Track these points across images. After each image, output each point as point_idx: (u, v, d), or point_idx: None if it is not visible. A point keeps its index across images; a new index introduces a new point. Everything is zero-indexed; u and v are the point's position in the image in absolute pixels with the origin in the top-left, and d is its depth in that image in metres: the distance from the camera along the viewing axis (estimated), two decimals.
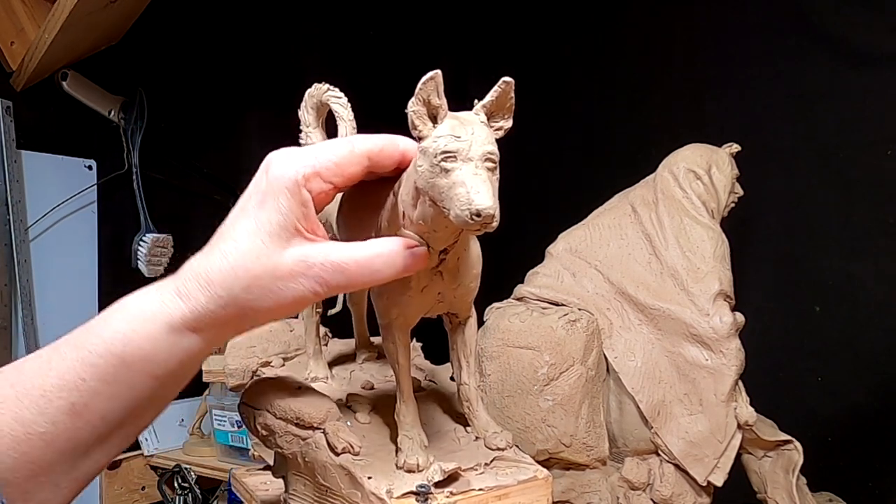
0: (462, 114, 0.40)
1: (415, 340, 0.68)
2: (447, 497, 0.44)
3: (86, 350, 0.38)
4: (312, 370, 0.64)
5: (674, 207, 0.89)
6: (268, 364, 0.69)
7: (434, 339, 0.65)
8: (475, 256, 0.48)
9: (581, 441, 0.82)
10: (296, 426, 0.51)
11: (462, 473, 0.46)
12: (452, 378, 0.58)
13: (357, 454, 0.48)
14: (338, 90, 0.58)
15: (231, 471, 0.90)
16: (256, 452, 0.77)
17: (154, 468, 1.46)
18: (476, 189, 0.36)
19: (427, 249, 0.41)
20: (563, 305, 0.90)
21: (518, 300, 0.95)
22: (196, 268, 0.39)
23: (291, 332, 0.73)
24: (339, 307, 0.77)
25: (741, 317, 0.83)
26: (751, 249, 1.19)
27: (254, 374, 0.69)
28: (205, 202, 1.57)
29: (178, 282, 0.39)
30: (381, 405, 0.56)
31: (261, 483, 0.79)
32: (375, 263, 0.39)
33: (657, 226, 0.89)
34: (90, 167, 1.44)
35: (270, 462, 0.66)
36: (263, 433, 0.53)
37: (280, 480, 0.59)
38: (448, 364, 0.58)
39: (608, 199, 0.99)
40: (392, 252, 0.40)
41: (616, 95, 1.52)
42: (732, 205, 0.93)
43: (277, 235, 0.38)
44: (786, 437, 0.84)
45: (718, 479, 0.80)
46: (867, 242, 1.11)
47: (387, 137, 0.42)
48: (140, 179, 1.43)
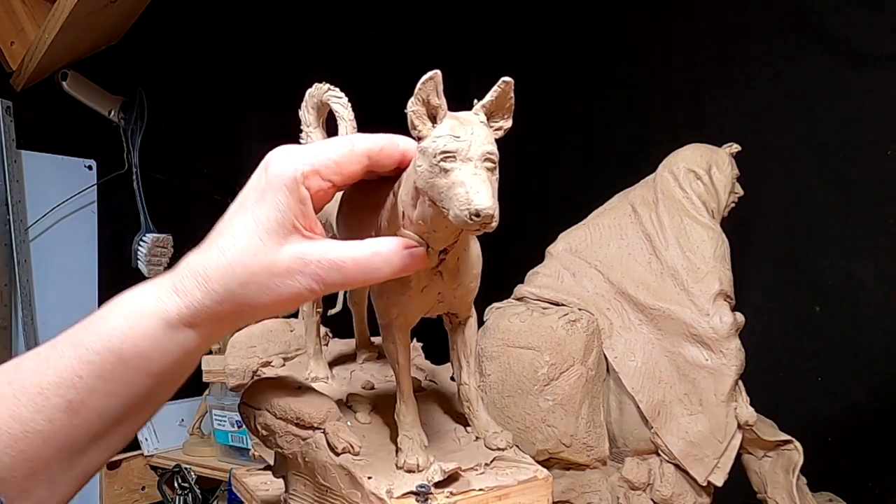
0: (461, 114, 0.40)
1: (415, 340, 0.68)
2: (447, 497, 0.44)
3: (83, 347, 0.38)
4: (313, 370, 0.64)
5: (674, 207, 0.89)
6: (268, 364, 0.69)
7: (434, 339, 0.65)
8: (475, 256, 0.48)
9: (581, 441, 0.82)
10: (296, 426, 0.51)
11: (462, 473, 0.46)
12: (452, 378, 0.58)
13: (357, 454, 0.48)
14: (338, 90, 0.58)
15: (231, 471, 0.91)
16: (256, 452, 0.77)
17: (154, 468, 1.46)
18: (475, 189, 0.36)
19: (427, 249, 0.41)
20: (564, 305, 0.90)
21: (518, 300, 0.95)
22: (193, 264, 0.39)
23: (292, 332, 0.73)
24: (340, 307, 0.77)
25: (741, 317, 0.83)
26: (751, 249, 1.19)
27: (254, 374, 0.69)
28: (205, 202, 1.57)
29: (175, 278, 0.40)
30: (382, 405, 0.56)
31: (261, 483, 0.79)
32: (373, 262, 0.39)
33: (657, 226, 0.89)
34: (90, 167, 1.45)
35: (270, 462, 0.66)
36: (263, 433, 0.53)
37: (280, 480, 0.59)
38: (448, 364, 0.58)
39: (608, 199, 0.99)
40: (390, 252, 0.39)
41: (616, 95, 1.52)
42: (732, 205, 0.93)
43: (275, 232, 0.38)
44: (786, 437, 0.84)
45: (718, 479, 0.80)
46: (867, 242, 1.11)
47: (387, 137, 0.42)
48: (140, 179, 1.43)
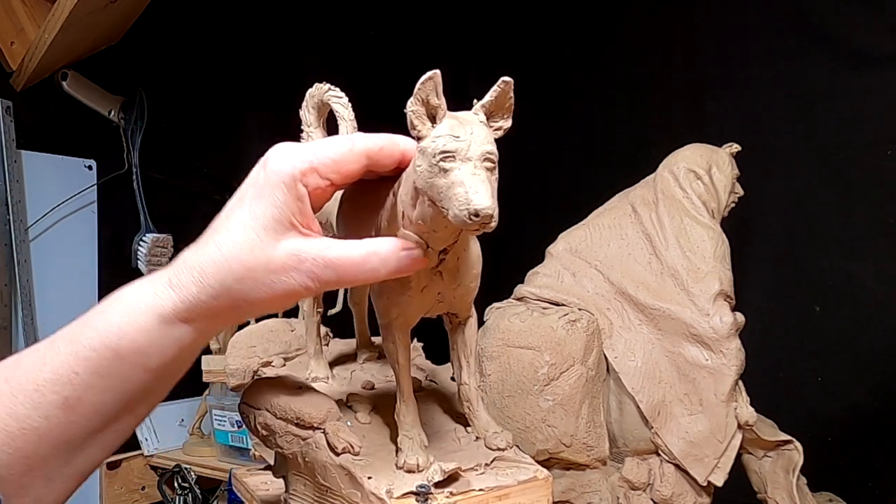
0: (461, 113, 0.40)
1: (415, 340, 0.68)
2: (447, 497, 0.44)
3: (80, 344, 0.39)
4: (313, 370, 0.64)
5: (674, 207, 0.89)
6: (268, 364, 0.69)
7: (434, 339, 0.65)
8: (475, 256, 0.47)
9: (581, 441, 0.82)
10: (296, 426, 0.51)
11: (462, 473, 0.46)
12: (453, 378, 0.58)
13: (357, 454, 0.48)
14: (338, 90, 0.58)
15: (231, 471, 0.91)
16: (257, 452, 0.77)
17: (154, 468, 1.46)
18: (475, 189, 0.36)
19: (427, 249, 0.41)
20: (564, 305, 0.90)
21: (518, 300, 0.95)
22: (189, 259, 0.40)
23: (292, 332, 0.73)
24: (340, 307, 0.77)
25: (741, 317, 0.83)
26: (751, 249, 1.19)
27: (254, 374, 0.68)
28: (205, 202, 1.57)
29: (171, 273, 0.40)
30: (382, 405, 0.56)
31: (261, 483, 0.79)
32: (370, 262, 0.39)
33: (657, 226, 0.89)
34: (90, 167, 1.45)
35: (271, 462, 0.66)
36: (263, 433, 0.53)
37: (280, 480, 0.59)
38: (448, 364, 0.58)
39: (608, 199, 0.98)
40: (387, 252, 0.39)
41: (616, 95, 1.51)
42: (733, 205, 0.93)
43: (272, 229, 0.38)
44: (786, 437, 0.84)
45: (719, 479, 0.80)
46: (867, 242, 1.11)
47: (387, 137, 0.42)
48: (140, 179, 1.43)
